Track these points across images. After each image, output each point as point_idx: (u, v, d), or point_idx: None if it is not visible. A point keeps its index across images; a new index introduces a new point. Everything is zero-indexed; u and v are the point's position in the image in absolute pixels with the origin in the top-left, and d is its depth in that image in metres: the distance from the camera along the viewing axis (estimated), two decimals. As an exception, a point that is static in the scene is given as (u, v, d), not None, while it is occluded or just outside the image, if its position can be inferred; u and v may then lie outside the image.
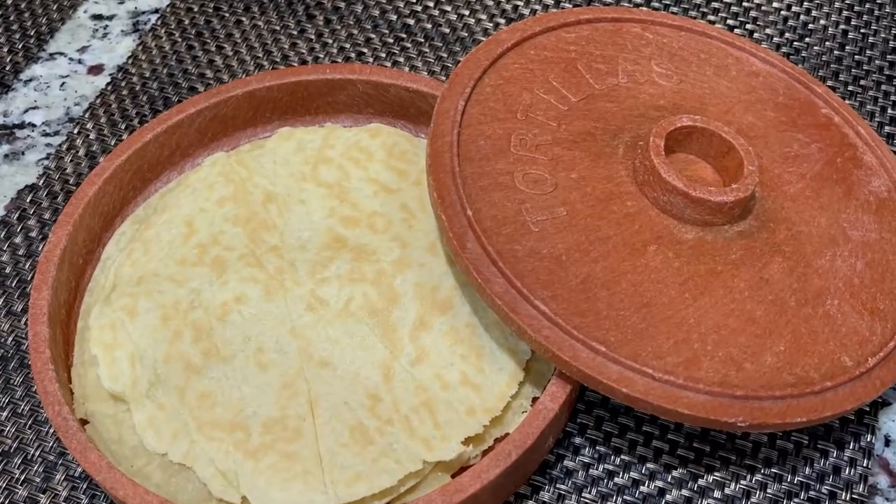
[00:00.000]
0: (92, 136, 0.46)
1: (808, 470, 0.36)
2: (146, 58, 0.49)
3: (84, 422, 0.34)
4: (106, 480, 0.31)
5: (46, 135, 0.46)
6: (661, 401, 0.30)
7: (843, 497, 0.35)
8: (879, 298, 0.34)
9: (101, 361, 0.34)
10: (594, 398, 0.37)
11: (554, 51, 0.39)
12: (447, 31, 0.50)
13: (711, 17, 0.50)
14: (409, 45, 0.49)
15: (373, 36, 0.50)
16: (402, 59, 0.49)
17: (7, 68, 0.49)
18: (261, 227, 0.38)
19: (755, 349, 0.32)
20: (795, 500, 0.35)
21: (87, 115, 0.47)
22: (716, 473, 0.36)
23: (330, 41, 0.50)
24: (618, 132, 0.37)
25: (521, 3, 0.51)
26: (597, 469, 0.36)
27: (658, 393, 0.30)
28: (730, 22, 0.50)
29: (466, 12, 0.50)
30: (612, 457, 0.36)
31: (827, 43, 0.49)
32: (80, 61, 0.49)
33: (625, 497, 0.35)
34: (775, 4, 0.51)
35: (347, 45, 0.49)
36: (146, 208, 0.40)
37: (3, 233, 0.42)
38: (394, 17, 0.50)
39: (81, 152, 0.45)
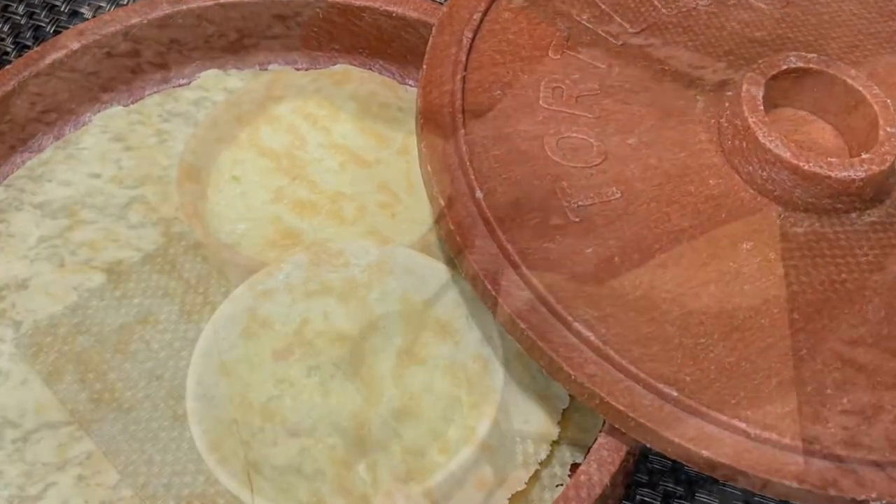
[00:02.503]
0: (-69, 83, 0.46)
1: (972, 569, 0.35)
2: (10, -30, 0.49)
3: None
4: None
5: None
6: (760, 469, 0.30)
7: None
8: None
9: (-58, 412, 0.34)
10: (662, 465, 0.37)
11: (602, -41, 0.39)
12: (446, -69, 0.50)
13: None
14: (390, -49, 0.49)
15: (338, -61, 0.50)
16: (380, -27, 0.49)
17: None
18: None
19: (896, 393, 0.32)
20: None
21: (-77, 54, 0.47)
22: (838, 574, 0.35)
23: (276, -54, 0.49)
24: (696, 78, 0.37)
25: None
26: (665, 568, 0.36)
27: (755, 457, 0.30)
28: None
29: None
30: (688, 550, 0.36)
31: None
32: (-87, -24, 0.49)
33: None
34: None
35: (302, -47, 0.49)
36: (7, 189, 0.40)
37: None
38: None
39: (-85, 107, 0.45)
